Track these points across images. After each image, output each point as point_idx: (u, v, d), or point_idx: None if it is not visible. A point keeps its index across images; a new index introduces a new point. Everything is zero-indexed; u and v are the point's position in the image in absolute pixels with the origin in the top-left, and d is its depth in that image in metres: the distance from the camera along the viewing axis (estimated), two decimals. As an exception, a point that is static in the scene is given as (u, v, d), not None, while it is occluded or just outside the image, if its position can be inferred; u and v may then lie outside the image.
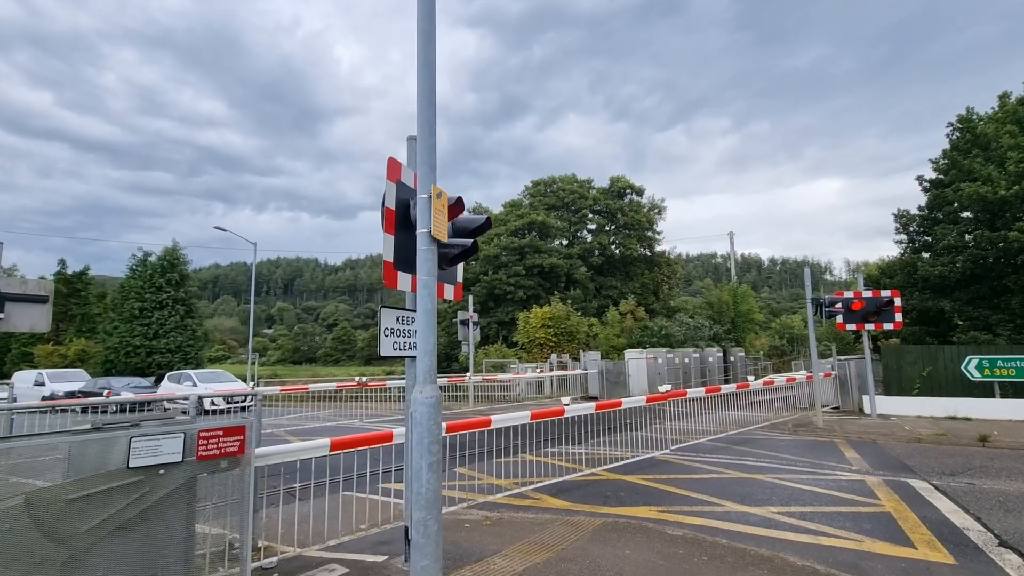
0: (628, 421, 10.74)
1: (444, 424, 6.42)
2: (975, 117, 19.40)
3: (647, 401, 10.23)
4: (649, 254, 46.31)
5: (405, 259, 4.31)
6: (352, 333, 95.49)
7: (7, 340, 43.39)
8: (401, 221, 4.28)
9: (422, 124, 3.57)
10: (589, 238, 46.19)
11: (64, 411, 14.60)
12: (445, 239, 3.60)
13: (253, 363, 32.07)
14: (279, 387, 20.99)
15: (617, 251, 44.81)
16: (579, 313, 32.74)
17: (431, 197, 3.44)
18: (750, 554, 4.80)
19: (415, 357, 4.83)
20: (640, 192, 46.86)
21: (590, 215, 46.25)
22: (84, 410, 13.83)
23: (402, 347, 4.64)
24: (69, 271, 46.39)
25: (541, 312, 30.19)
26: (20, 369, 31.11)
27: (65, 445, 3.97)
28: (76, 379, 25.70)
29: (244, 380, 26.43)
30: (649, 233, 45.92)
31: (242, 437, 4.40)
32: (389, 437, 5.85)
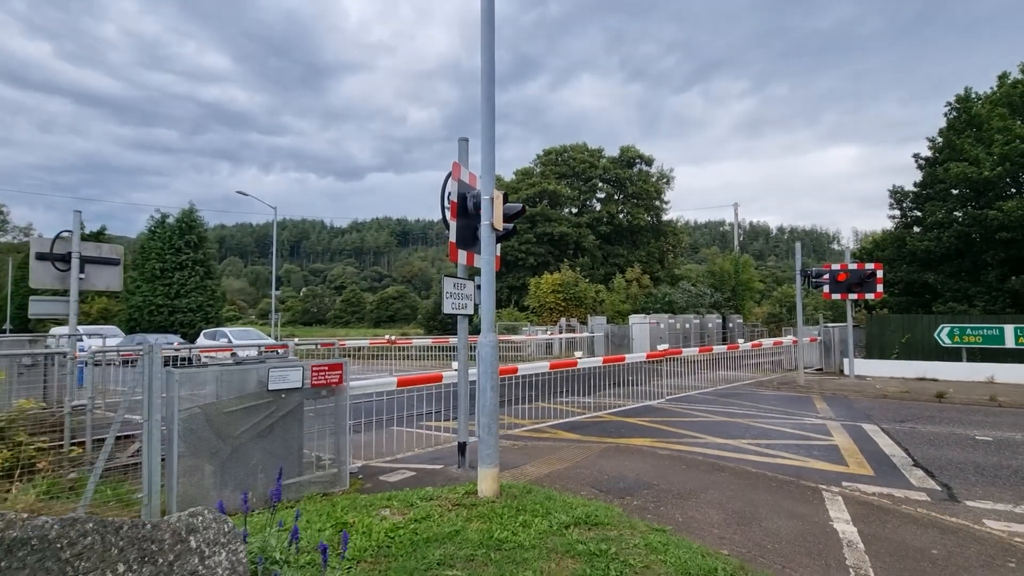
0: (630, 377, 12.28)
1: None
2: (973, 96, 20.10)
3: (647, 358, 11.74)
4: (656, 223, 47.29)
5: (464, 239, 5.67)
6: (360, 296, 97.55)
7: (27, 299, 45.39)
8: (461, 210, 5.61)
9: (484, 143, 4.86)
10: (598, 207, 47.05)
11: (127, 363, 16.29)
12: (501, 228, 4.95)
13: (277, 324, 33.88)
14: (319, 343, 22.81)
15: (625, 220, 45.78)
16: (587, 280, 34.14)
17: (492, 199, 4.77)
18: (718, 465, 6.34)
19: (467, 315, 6.27)
20: (649, 162, 47.42)
21: (600, 184, 46.98)
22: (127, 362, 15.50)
23: (458, 307, 6.05)
24: (86, 231, 47.67)
25: (551, 278, 31.61)
26: (45, 327, 32.99)
27: (216, 373, 5.44)
28: (112, 335, 27.54)
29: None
30: (657, 203, 46.77)
31: (341, 372, 5.90)
32: (440, 378, 7.36)
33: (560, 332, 26.13)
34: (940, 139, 20.10)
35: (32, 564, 1.21)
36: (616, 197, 46.89)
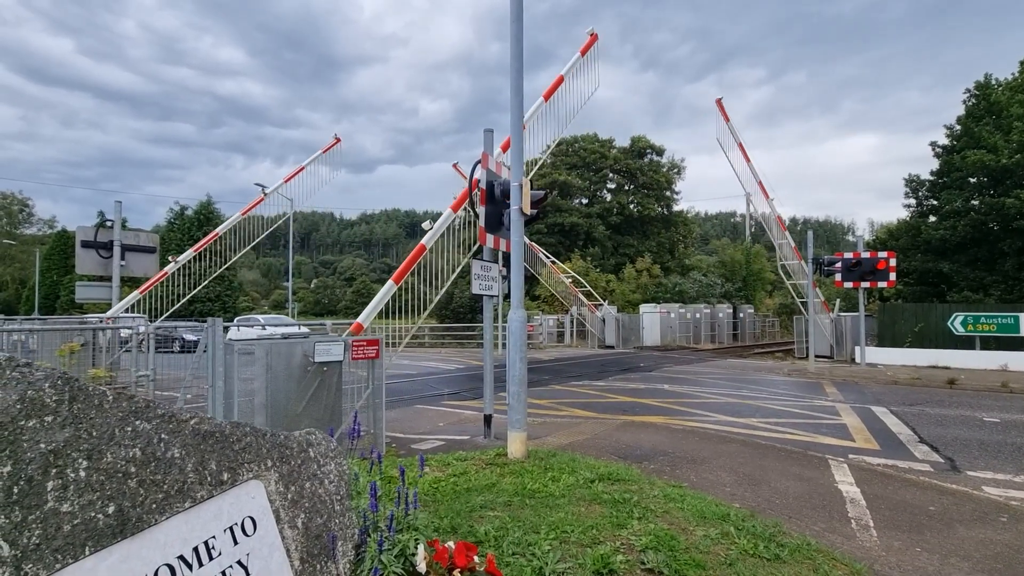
0: (641, 364, 12.64)
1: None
2: (993, 83, 19.93)
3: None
4: (666, 213, 47.28)
5: (491, 224, 6.04)
6: (371, 287, 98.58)
7: (56, 287, 46.85)
8: (489, 197, 5.97)
9: (514, 136, 5.22)
10: (608, 197, 47.11)
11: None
12: (528, 213, 5.31)
13: (294, 314, 34.69)
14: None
15: (635, 210, 45.79)
16: (598, 270, 34.38)
17: (521, 186, 5.13)
18: (729, 438, 6.70)
19: (492, 296, 6.65)
20: (660, 152, 47.33)
21: (610, 175, 47.01)
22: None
23: (484, 288, 6.43)
24: (109, 224, 48.64)
25: (562, 268, 31.87)
26: (70, 314, 34.21)
27: (266, 346, 5.87)
28: (140, 322, 28.43)
29: (289, 326, 28.96)
30: (667, 193, 46.75)
31: (377, 347, 6.33)
32: (424, 248, 8.34)
33: (571, 322, 26.47)
34: (958, 127, 19.99)
35: (217, 449, 1.64)
36: (627, 187, 46.90)
